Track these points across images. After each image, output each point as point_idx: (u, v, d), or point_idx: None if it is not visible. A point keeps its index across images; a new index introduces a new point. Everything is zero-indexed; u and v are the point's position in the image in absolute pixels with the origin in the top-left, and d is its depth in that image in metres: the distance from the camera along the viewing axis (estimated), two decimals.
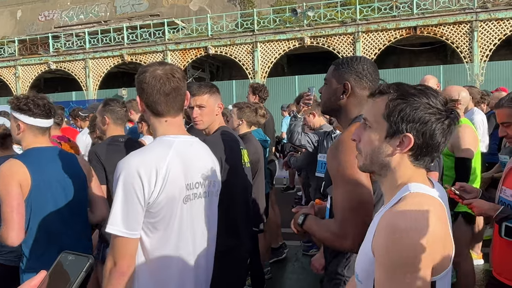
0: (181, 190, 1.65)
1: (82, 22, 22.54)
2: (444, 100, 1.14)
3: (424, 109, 1.12)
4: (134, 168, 1.54)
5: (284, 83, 16.67)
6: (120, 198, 1.53)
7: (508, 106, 2.09)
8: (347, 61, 1.74)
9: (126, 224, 1.53)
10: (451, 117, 1.14)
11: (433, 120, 1.12)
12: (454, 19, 14.50)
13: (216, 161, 1.92)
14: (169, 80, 1.64)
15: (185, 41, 17.81)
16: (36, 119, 2.19)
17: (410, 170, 1.18)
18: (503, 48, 15.55)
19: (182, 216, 1.66)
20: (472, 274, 3.33)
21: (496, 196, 2.20)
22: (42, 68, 19.89)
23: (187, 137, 1.77)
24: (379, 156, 1.19)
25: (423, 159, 1.17)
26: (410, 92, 1.14)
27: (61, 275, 0.74)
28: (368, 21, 15.43)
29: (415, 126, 1.12)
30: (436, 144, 1.14)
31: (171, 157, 1.62)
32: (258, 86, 5.18)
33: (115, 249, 1.55)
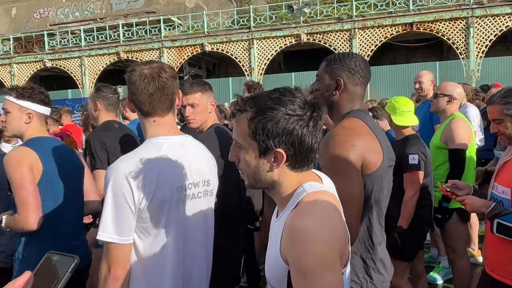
0: (173, 194, 1.62)
1: (78, 19, 22.44)
2: (302, 101, 1.13)
3: (284, 120, 1.10)
4: (122, 174, 1.51)
5: (280, 80, 16.64)
6: (110, 204, 1.52)
7: (499, 102, 2.09)
8: (339, 57, 1.74)
9: (118, 230, 1.51)
10: (314, 116, 1.13)
11: (297, 128, 1.11)
12: (450, 15, 14.52)
13: (212, 159, 1.89)
14: (154, 79, 1.62)
15: (181, 38, 17.77)
16: (46, 107, 2.22)
17: (295, 177, 1.18)
18: (498, 44, 15.59)
19: (174, 219, 1.64)
20: (468, 271, 3.34)
21: (489, 192, 2.20)
22: (38, 66, 19.80)
23: (178, 137, 1.72)
24: (261, 174, 1.17)
25: (302, 164, 1.17)
26: (266, 106, 1.11)
27: (46, 275, 0.74)
28: (364, 17, 15.43)
29: (282, 139, 1.11)
30: (308, 147, 1.14)
31: (161, 160, 1.59)
32: (253, 84, 5.17)
33: (109, 256, 1.53)
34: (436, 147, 3.36)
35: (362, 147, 1.58)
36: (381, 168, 1.63)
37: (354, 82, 1.72)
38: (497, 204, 2.02)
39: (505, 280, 2.04)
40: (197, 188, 1.73)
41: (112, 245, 1.52)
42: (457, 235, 3.28)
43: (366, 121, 1.70)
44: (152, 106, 1.64)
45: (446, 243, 3.44)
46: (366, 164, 1.59)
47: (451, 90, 3.40)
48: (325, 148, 1.61)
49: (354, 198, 1.53)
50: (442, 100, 3.38)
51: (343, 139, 1.58)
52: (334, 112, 1.77)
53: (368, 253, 1.67)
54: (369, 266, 1.67)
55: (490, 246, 2.15)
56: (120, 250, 1.53)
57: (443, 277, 4.16)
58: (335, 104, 1.75)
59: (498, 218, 1.96)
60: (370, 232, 1.68)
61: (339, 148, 1.56)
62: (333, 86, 1.72)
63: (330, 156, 1.58)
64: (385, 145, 1.68)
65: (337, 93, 1.72)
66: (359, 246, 1.65)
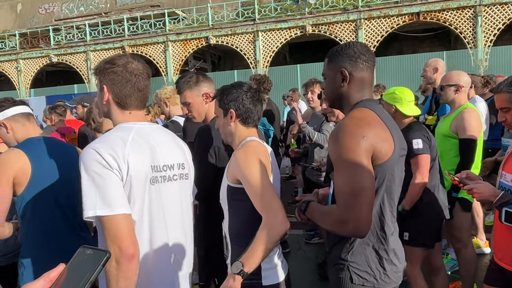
0: (147, 172, 1.61)
1: (83, 14, 22.45)
2: (247, 86, 1.98)
3: (235, 93, 1.93)
4: (94, 151, 1.49)
5: (286, 72, 16.58)
6: (88, 180, 1.45)
7: (506, 91, 2.07)
8: (337, 50, 1.74)
9: (107, 201, 1.44)
10: (252, 92, 1.96)
11: (241, 95, 1.93)
12: (457, 4, 14.32)
13: (184, 145, 1.91)
14: (144, 78, 1.70)
15: (186, 31, 17.73)
16: (12, 108, 2.19)
17: (244, 131, 1.95)
18: (507, 33, 15.36)
19: (151, 198, 1.62)
20: (474, 260, 3.33)
21: (497, 181, 2.19)
22: (44, 61, 19.88)
23: (147, 123, 1.76)
24: (226, 130, 1.97)
25: (248, 121, 1.95)
26: (226, 88, 1.98)
27: (78, 268, 0.76)
28: (370, 7, 15.27)
29: (232, 103, 1.93)
30: (249, 109, 1.94)
31: (131, 139, 1.59)
32: (261, 78, 5.05)
33: (112, 233, 1.44)
34: (443, 135, 3.34)
35: (372, 137, 1.56)
36: (392, 158, 1.62)
37: (358, 68, 1.69)
38: (506, 193, 2.00)
39: None
40: (172, 171, 1.74)
41: (109, 219, 1.43)
42: (461, 224, 3.27)
43: (376, 110, 1.67)
44: (137, 101, 1.69)
45: (450, 233, 3.43)
46: (377, 154, 1.57)
47: (457, 79, 3.37)
48: (334, 139, 1.60)
49: (366, 189, 1.51)
50: (449, 90, 3.36)
51: (353, 130, 1.56)
52: (345, 104, 1.75)
53: (381, 244, 1.67)
54: (382, 257, 1.66)
55: (499, 235, 2.14)
56: (120, 222, 1.45)
57: (450, 268, 4.15)
58: (344, 96, 1.73)
59: (507, 207, 1.94)
60: (382, 222, 1.67)
61: (348, 139, 1.54)
62: (339, 79, 1.71)
63: (339, 147, 1.56)
64: (396, 134, 1.66)
65: (345, 84, 1.70)
66: (371, 237, 1.64)
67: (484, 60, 14.19)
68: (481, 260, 4.05)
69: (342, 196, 1.55)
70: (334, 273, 1.73)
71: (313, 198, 1.87)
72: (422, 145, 2.91)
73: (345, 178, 1.53)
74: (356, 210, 1.49)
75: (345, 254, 1.67)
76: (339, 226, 1.55)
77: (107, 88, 1.67)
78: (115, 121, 1.71)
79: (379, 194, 1.62)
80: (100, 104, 1.75)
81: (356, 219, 1.49)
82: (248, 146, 1.85)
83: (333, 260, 1.74)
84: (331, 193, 1.80)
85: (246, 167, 1.75)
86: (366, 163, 1.53)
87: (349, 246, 1.67)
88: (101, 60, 1.74)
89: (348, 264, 1.66)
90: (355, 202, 1.50)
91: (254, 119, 1.95)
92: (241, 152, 1.82)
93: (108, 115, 1.74)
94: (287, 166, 9.10)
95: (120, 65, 1.65)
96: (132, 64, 1.67)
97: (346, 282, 1.66)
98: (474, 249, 3.44)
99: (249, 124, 1.94)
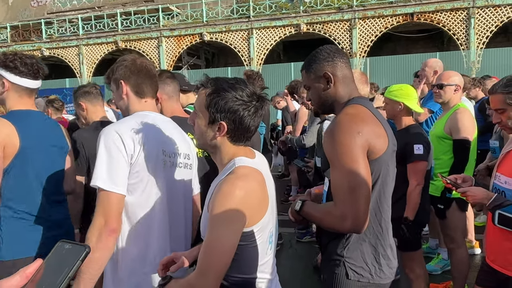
0: (159, 154, 1.75)
1: (76, 8, 22.20)
2: (251, 91, 1.44)
3: (232, 102, 1.41)
4: (113, 131, 1.66)
5: (280, 70, 16.56)
6: (104, 155, 1.61)
7: (501, 92, 2.06)
8: (311, 58, 1.78)
9: (112, 179, 1.59)
10: (256, 105, 1.44)
11: (240, 110, 1.41)
12: (451, 6, 14.39)
13: (190, 141, 2.03)
14: (152, 68, 1.91)
15: (180, 27, 17.62)
16: (23, 79, 2.08)
17: (232, 148, 1.48)
18: (499, 35, 15.49)
19: (159, 180, 1.74)
20: (466, 261, 3.34)
21: (491, 182, 2.19)
22: (35, 55, 19.64)
23: (160, 115, 1.95)
24: (206, 139, 1.49)
25: (240, 139, 1.47)
26: (222, 87, 1.42)
27: (57, 263, 0.74)
28: (365, 7, 15.29)
29: (226, 115, 1.41)
30: (245, 127, 1.45)
31: (147, 125, 1.75)
32: (252, 73, 5.00)
33: (104, 206, 1.58)
34: (437, 137, 3.34)
35: (368, 133, 1.57)
36: (387, 153, 1.64)
37: (338, 67, 1.73)
38: (499, 195, 2.00)
39: (505, 271, 2.04)
40: (179, 158, 1.87)
41: (106, 194, 1.58)
42: (456, 225, 3.28)
43: (368, 107, 1.69)
44: (151, 87, 1.88)
45: (444, 232, 3.44)
46: (372, 149, 1.58)
47: (457, 79, 3.37)
48: (329, 136, 1.61)
49: (363, 185, 1.52)
50: (449, 89, 3.35)
51: (348, 126, 1.57)
52: (335, 104, 1.76)
53: (378, 239, 1.68)
54: (378, 253, 1.68)
55: (491, 237, 2.14)
56: (114, 200, 1.59)
57: (441, 268, 4.17)
58: (333, 97, 1.75)
59: (500, 209, 1.94)
60: (379, 217, 1.68)
61: (344, 135, 1.55)
62: (324, 83, 1.73)
63: (335, 143, 1.57)
64: (389, 130, 1.69)
65: (331, 86, 1.73)
66: (367, 232, 1.64)
67: (477, 62, 14.29)
68: (472, 261, 4.07)
69: (340, 192, 1.55)
70: (329, 269, 1.73)
71: (306, 198, 1.86)
72: (423, 151, 2.89)
73: (342, 174, 1.54)
74: (354, 206, 1.50)
75: (341, 250, 1.68)
76: (337, 222, 1.55)
77: (124, 82, 1.84)
78: (133, 110, 1.86)
79: (375, 189, 1.63)
80: (119, 99, 1.89)
81: (355, 214, 1.50)
82: (239, 178, 1.38)
83: (328, 256, 1.74)
84: (325, 191, 1.80)
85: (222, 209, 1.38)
86: (362, 159, 1.54)
87: (345, 241, 1.67)
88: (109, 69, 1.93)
89: (344, 260, 1.66)
90: (352, 197, 1.51)
91: (248, 138, 1.50)
92: (229, 185, 1.37)
93: (127, 106, 1.87)
94: (279, 165, 9.10)
95: (129, 61, 1.86)
96: (138, 60, 1.89)
97: (341, 278, 1.67)
98: (467, 249, 3.45)
99: (240, 143, 1.49)
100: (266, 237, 1.47)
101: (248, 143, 1.52)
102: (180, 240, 1.88)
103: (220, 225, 1.32)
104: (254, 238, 1.41)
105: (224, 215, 1.31)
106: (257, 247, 1.43)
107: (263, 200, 1.43)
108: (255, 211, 1.39)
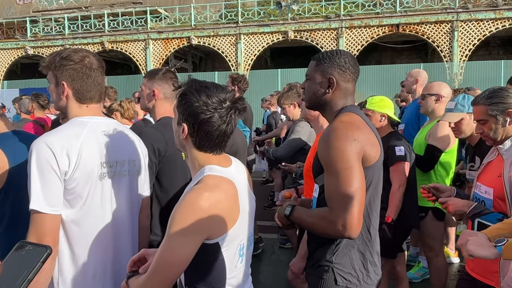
0: (96, 168, 1.66)
1: (62, 7, 21.94)
2: (219, 98, 1.37)
3: (196, 106, 1.36)
4: (45, 145, 1.55)
5: (267, 76, 16.63)
6: (37, 174, 1.53)
7: (484, 103, 2.10)
8: (328, 56, 1.75)
9: (48, 200, 1.53)
10: (221, 113, 1.37)
11: (202, 115, 1.36)
12: (435, 18, 14.70)
13: (139, 141, 1.95)
14: (101, 72, 1.76)
15: (167, 30, 17.56)
16: None
17: (200, 155, 1.42)
18: (481, 48, 15.88)
19: (98, 192, 1.67)
20: (445, 269, 3.38)
21: (471, 192, 2.22)
22: (19, 53, 19.33)
23: (103, 118, 1.80)
24: (177, 138, 1.46)
25: (202, 146, 1.41)
26: (190, 90, 1.38)
27: (16, 265, 0.71)
28: (351, 17, 15.51)
29: (187, 118, 1.38)
30: (205, 133, 1.38)
31: (85, 135, 1.64)
32: (237, 76, 5.02)
33: (38, 227, 1.53)
34: (420, 145, 3.39)
35: (363, 141, 1.59)
36: (379, 161, 1.66)
37: (345, 79, 1.73)
38: (478, 204, 2.03)
39: (484, 279, 2.06)
40: (122, 167, 1.79)
41: (41, 216, 1.53)
42: (434, 233, 3.32)
43: (361, 116, 1.72)
44: (96, 94, 1.75)
45: (423, 241, 3.48)
46: (366, 157, 1.60)
47: (438, 89, 3.42)
48: (325, 142, 1.61)
49: (358, 191, 1.53)
50: (430, 99, 3.40)
51: (344, 133, 1.58)
52: (327, 109, 1.77)
53: (366, 246, 1.69)
54: (366, 259, 1.69)
55: None
56: (50, 221, 1.54)
57: (421, 276, 4.21)
58: (328, 102, 1.76)
59: (479, 218, 1.97)
60: (368, 224, 1.69)
61: (340, 142, 1.56)
62: (325, 85, 1.73)
63: (331, 149, 1.57)
64: (380, 139, 1.72)
65: (330, 91, 1.73)
66: (357, 239, 1.64)
67: (459, 74, 14.60)
68: (450, 270, 4.13)
69: (335, 197, 1.56)
70: (315, 275, 1.73)
71: (295, 203, 1.86)
72: (404, 152, 2.95)
73: (338, 180, 1.54)
74: (349, 211, 1.51)
75: (330, 255, 1.68)
76: (331, 227, 1.55)
77: (67, 84, 1.70)
78: (71, 115, 1.74)
79: (367, 196, 1.64)
80: (57, 99, 1.77)
81: (349, 220, 1.51)
82: (206, 188, 1.33)
83: (316, 262, 1.74)
84: (315, 197, 1.80)
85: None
86: (357, 165, 1.55)
87: (335, 247, 1.67)
88: (52, 54, 1.74)
89: (333, 266, 1.67)
90: (348, 203, 1.51)
91: (212, 146, 1.42)
92: (194, 194, 1.33)
93: (65, 109, 1.76)
94: (264, 170, 9.09)
95: (78, 61, 1.69)
96: (88, 59, 1.71)
97: (329, 284, 1.67)
98: (445, 258, 3.50)
99: (205, 150, 1.41)
100: (235, 250, 1.41)
101: (217, 151, 1.43)
102: (126, 249, 1.81)
103: (177, 235, 1.27)
104: (219, 251, 1.36)
105: (183, 226, 1.27)
106: (224, 260, 1.38)
107: (231, 211, 1.37)
108: (220, 223, 1.33)
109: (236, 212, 1.39)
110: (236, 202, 1.40)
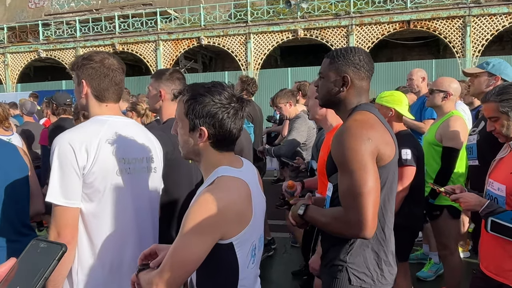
0: (115, 163, 1.72)
1: (73, 10, 22.20)
2: (229, 94, 1.39)
3: (210, 105, 1.37)
4: (66, 141, 1.63)
5: (277, 75, 16.59)
6: (56, 169, 1.61)
7: (494, 100, 2.08)
8: (342, 53, 1.72)
9: (65, 193, 1.60)
10: (235, 107, 1.40)
11: (219, 113, 1.37)
12: (447, 14, 14.52)
13: (156, 141, 2.00)
14: (120, 73, 1.83)
15: (177, 31, 17.65)
16: None
17: (216, 155, 1.43)
18: (494, 43, 15.64)
19: (117, 188, 1.73)
20: (460, 267, 3.35)
21: (484, 189, 2.20)
22: (32, 56, 19.60)
23: (122, 118, 1.88)
24: (189, 146, 1.45)
25: (222, 144, 1.43)
26: (199, 93, 1.39)
27: (31, 263, 0.70)
28: (362, 14, 15.39)
29: (206, 120, 1.38)
30: (227, 130, 1.40)
31: (104, 132, 1.71)
32: (247, 79, 5.00)
33: (57, 219, 1.61)
34: (429, 143, 3.35)
35: (377, 140, 1.57)
36: (394, 160, 1.65)
37: (360, 77, 1.71)
38: (491, 202, 2.02)
39: (498, 278, 2.05)
40: (141, 164, 1.85)
41: (59, 208, 1.61)
42: (449, 232, 3.28)
43: (376, 114, 1.69)
44: (114, 94, 1.82)
45: (437, 239, 3.45)
46: (381, 156, 1.58)
47: (447, 86, 3.36)
48: (339, 141, 1.60)
49: (372, 191, 1.52)
50: (438, 96, 3.36)
51: (358, 132, 1.56)
52: (341, 107, 1.76)
53: (381, 246, 1.68)
54: (381, 259, 1.68)
55: (485, 244, 2.16)
56: (67, 214, 1.61)
57: (434, 273, 4.18)
58: (342, 100, 1.74)
59: (492, 217, 1.96)
60: (382, 224, 1.68)
61: (354, 141, 1.54)
62: (339, 83, 1.71)
63: (345, 148, 1.56)
64: (395, 138, 1.70)
65: (345, 89, 1.71)
66: (371, 238, 1.62)
67: None
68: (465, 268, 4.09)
69: (349, 197, 1.55)
70: (329, 274, 1.73)
71: (308, 202, 1.85)
72: (410, 156, 2.85)
73: (352, 179, 1.53)
74: (364, 212, 1.50)
75: (344, 255, 1.67)
76: (346, 228, 1.55)
77: (86, 82, 1.78)
78: (92, 113, 1.82)
79: (381, 195, 1.62)
80: (78, 97, 1.85)
81: (364, 220, 1.50)
82: (219, 189, 1.35)
83: (329, 261, 1.74)
84: (329, 196, 1.79)
85: None
86: (372, 165, 1.54)
87: (349, 247, 1.67)
88: (77, 56, 1.85)
89: (347, 266, 1.66)
90: (362, 203, 1.50)
91: (231, 142, 1.46)
92: (208, 195, 1.33)
93: (86, 107, 1.84)
94: (275, 169, 9.09)
95: (98, 61, 1.77)
96: (108, 60, 1.79)
97: (343, 283, 1.66)
98: (460, 256, 3.46)
99: (224, 149, 1.44)
100: (248, 251, 1.42)
101: (232, 148, 1.47)
102: (148, 244, 1.80)
103: (191, 233, 1.28)
104: (233, 251, 1.37)
105: (197, 224, 1.28)
106: (237, 260, 1.39)
107: (245, 212, 1.38)
108: (234, 223, 1.34)
109: (249, 213, 1.40)
110: (250, 203, 1.40)
